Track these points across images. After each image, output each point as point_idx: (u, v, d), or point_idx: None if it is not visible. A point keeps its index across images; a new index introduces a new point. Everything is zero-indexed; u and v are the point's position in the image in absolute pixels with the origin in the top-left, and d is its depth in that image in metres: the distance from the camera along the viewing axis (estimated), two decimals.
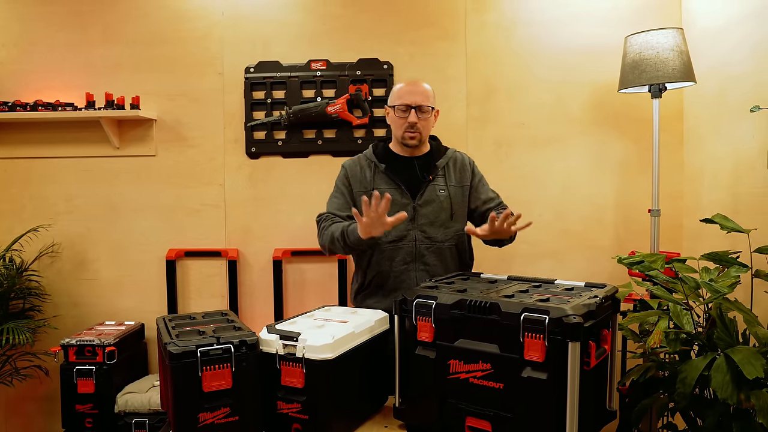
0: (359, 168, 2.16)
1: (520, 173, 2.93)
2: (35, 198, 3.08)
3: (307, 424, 1.49)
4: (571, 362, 1.27)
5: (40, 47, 3.04)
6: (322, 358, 1.45)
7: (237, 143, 2.98)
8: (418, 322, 1.52)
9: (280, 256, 2.93)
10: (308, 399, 1.48)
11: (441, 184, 2.14)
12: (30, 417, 3.12)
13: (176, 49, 2.99)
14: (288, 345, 1.50)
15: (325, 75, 2.92)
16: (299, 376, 1.48)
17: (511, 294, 1.48)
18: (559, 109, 2.90)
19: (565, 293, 1.51)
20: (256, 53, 2.95)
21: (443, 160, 2.17)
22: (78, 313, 3.07)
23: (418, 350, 1.53)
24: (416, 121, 2.07)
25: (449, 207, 2.12)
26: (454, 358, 1.46)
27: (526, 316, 1.32)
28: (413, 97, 2.08)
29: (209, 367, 1.44)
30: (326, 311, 1.81)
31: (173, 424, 1.45)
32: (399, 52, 2.92)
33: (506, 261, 2.90)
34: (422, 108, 2.08)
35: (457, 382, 1.45)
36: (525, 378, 1.33)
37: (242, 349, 1.48)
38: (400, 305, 1.57)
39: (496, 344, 1.39)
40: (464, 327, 1.45)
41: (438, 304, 1.49)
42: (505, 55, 2.91)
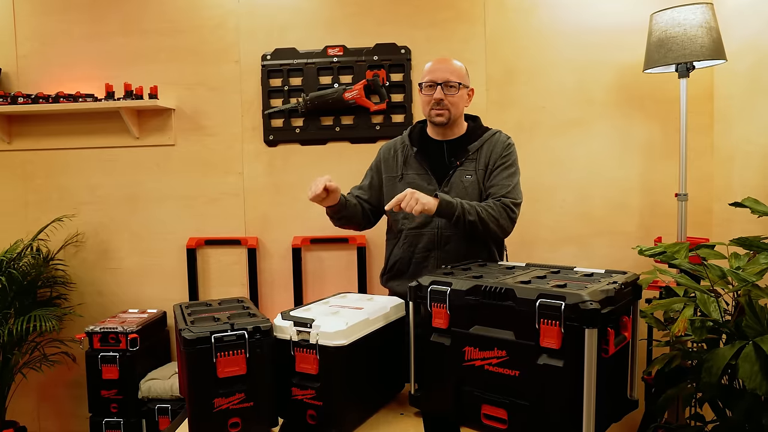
0: (392, 152, 2.14)
1: (542, 158, 2.88)
2: (59, 188, 3.15)
3: (321, 411, 1.49)
4: (588, 349, 1.24)
5: (60, 39, 3.09)
6: (335, 344, 1.45)
7: (255, 131, 2.99)
8: (432, 308, 1.51)
9: (299, 244, 2.94)
10: (322, 385, 1.48)
11: (470, 168, 2.02)
12: (60, 401, 3.22)
13: (193, 38, 3.00)
14: (302, 331, 1.50)
15: (341, 61, 2.90)
16: (313, 363, 1.48)
17: (527, 280, 1.45)
18: (581, 92, 2.84)
19: (583, 279, 1.48)
20: (272, 40, 2.95)
21: (477, 143, 2.05)
22: (102, 301, 3.14)
23: (433, 337, 1.52)
24: (442, 98, 1.98)
25: (477, 192, 2.00)
26: (470, 344, 1.44)
27: (541, 302, 1.30)
28: (440, 73, 2.00)
29: (223, 353, 1.45)
30: (342, 298, 1.80)
31: (189, 409, 1.47)
32: (416, 36, 2.89)
33: (527, 247, 2.87)
34: (449, 83, 1.99)
35: (473, 369, 1.44)
36: (541, 365, 1.31)
37: (256, 335, 1.48)
38: (414, 291, 1.56)
39: (511, 331, 1.37)
40: (479, 313, 1.43)
41: (453, 290, 1.47)
42: (525, 37, 2.85)
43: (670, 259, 1.90)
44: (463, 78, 2.05)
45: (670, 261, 1.90)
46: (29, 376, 3.01)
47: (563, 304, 1.26)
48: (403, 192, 1.81)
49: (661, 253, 1.89)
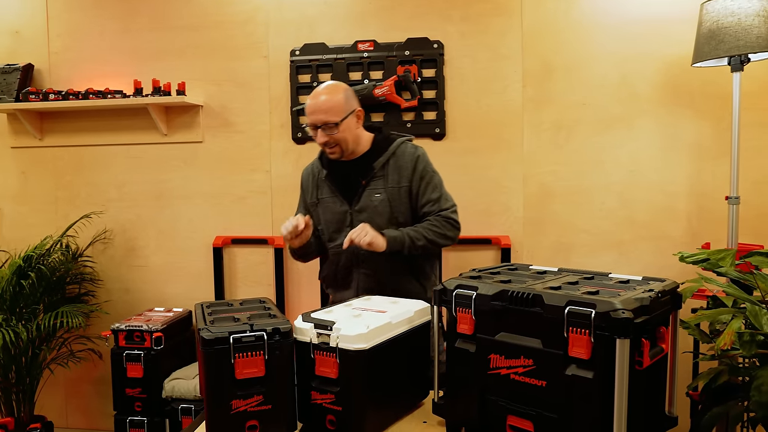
0: (310, 177, 2.23)
1: (581, 158, 2.83)
2: (88, 185, 3.25)
3: (341, 416, 1.50)
4: (620, 360, 1.21)
5: (91, 35, 3.19)
6: (356, 348, 1.46)
7: (283, 128, 3.02)
8: (457, 313, 1.50)
9: None
10: (342, 390, 1.49)
11: (379, 186, 2.08)
12: (87, 398, 3.33)
13: (221, 33, 3.06)
14: (322, 334, 1.51)
15: (372, 56, 2.91)
16: (333, 366, 1.49)
17: (557, 286, 1.43)
18: (624, 87, 2.78)
19: (617, 286, 1.45)
20: (301, 35, 2.98)
21: (382, 159, 2.09)
22: (129, 299, 3.23)
23: (458, 343, 1.51)
24: (326, 140, 2.03)
25: (387, 211, 2.07)
26: (495, 352, 1.43)
27: (570, 309, 1.28)
28: (315, 117, 2.03)
29: (242, 354, 1.47)
30: (366, 300, 1.81)
31: (206, 410, 1.50)
32: (449, 30, 2.88)
33: (563, 252, 2.83)
34: (327, 124, 2.01)
35: (498, 377, 1.42)
36: (569, 376, 1.28)
37: (275, 336, 1.50)
38: (439, 295, 1.55)
39: (539, 339, 1.35)
40: (506, 319, 1.42)
41: (478, 294, 1.46)
42: (564, 30, 2.81)
43: (714, 266, 1.84)
44: (342, 111, 2.03)
45: (714, 268, 1.85)
46: (57, 372, 3.12)
47: (593, 312, 1.24)
48: (357, 227, 1.94)
49: (704, 260, 1.84)
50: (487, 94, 2.88)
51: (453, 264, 2.92)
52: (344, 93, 2.05)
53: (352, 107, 2.06)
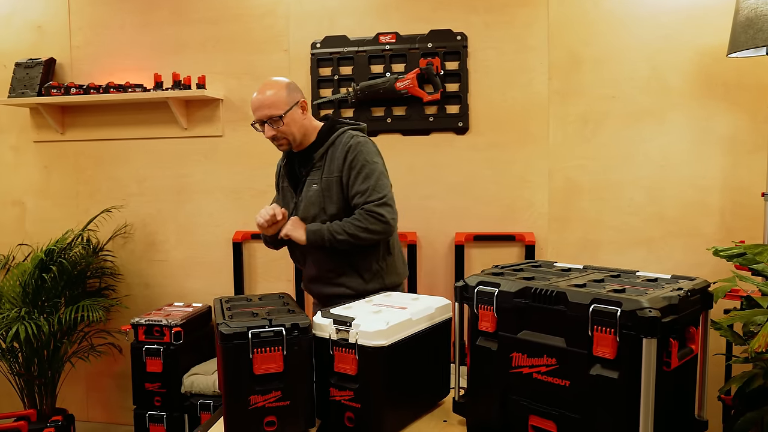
0: (280, 162, 2.30)
1: (609, 152, 2.80)
2: (109, 179, 3.30)
3: (359, 413, 1.51)
4: (646, 361, 1.20)
5: (111, 29, 3.24)
6: (375, 344, 1.46)
7: None
8: (479, 310, 1.49)
9: None
10: (361, 387, 1.50)
11: (315, 177, 2.11)
12: (107, 392, 3.39)
13: (241, 26, 3.08)
14: (341, 330, 1.52)
15: (394, 48, 2.91)
16: (352, 363, 1.49)
17: (582, 283, 1.41)
18: (655, 79, 2.74)
19: (645, 284, 1.43)
20: (322, 28, 2.99)
21: (321, 150, 2.12)
22: (149, 294, 3.28)
23: (479, 341, 1.50)
24: (273, 134, 2.07)
25: (319, 202, 2.09)
26: (517, 350, 1.42)
27: (595, 307, 1.26)
28: (260, 112, 2.07)
29: (260, 350, 1.48)
30: (386, 296, 1.82)
31: (224, 405, 1.52)
32: (473, 21, 2.86)
33: (590, 250, 2.80)
34: (272, 118, 2.05)
35: (520, 376, 1.41)
36: (594, 376, 1.27)
37: (294, 332, 1.51)
38: (460, 292, 1.55)
39: (562, 337, 1.33)
40: (528, 317, 1.41)
41: (500, 291, 1.45)
42: (592, 21, 2.77)
43: (751, 262, 1.81)
44: (285, 104, 2.06)
45: (751, 264, 1.81)
46: (78, 366, 3.18)
47: (619, 310, 1.22)
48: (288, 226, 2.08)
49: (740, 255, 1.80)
50: (511, 86, 2.86)
51: (475, 261, 2.91)
52: (286, 86, 2.09)
53: (296, 99, 2.09)
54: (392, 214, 2.08)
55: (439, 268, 2.96)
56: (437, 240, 2.95)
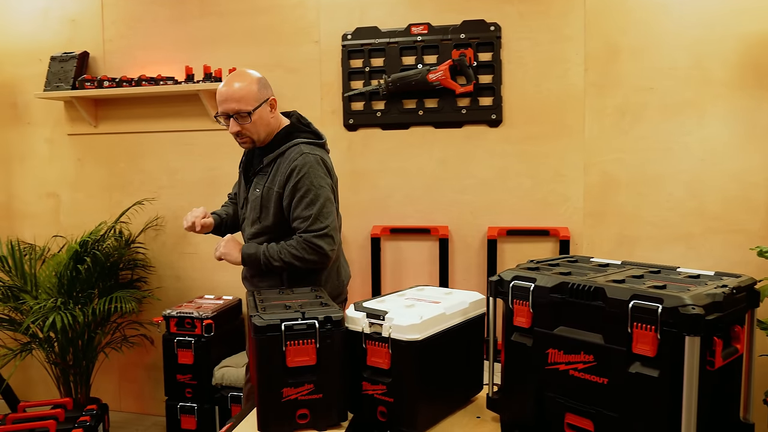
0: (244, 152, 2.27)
1: (646, 145, 2.75)
2: (141, 172, 3.37)
3: (392, 408, 1.52)
4: (689, 359, 1.18)
5: (143, 22, 3.30)
6: (408, 339, 1.47)
7: (334, 114, 3.05)
8: (514, 305, 1.49)
9: (378, 233, 2.98)
10: (394, 381, 1.51)
11: (260, 183, 2.08)
12: (140, 383, 3.47)
13: (272, 18, 3.11)
14: (374, 324, 1.53)
15: (426, 40, 2.90)
16: (385, 357, 1.50)
17: (621, 279, 1.40)
18: (696, 69, 2.68)
19: (687, 281, 1.41)
20: (353, 19, 3.00)
21: (272, 156, 2.07)
22: (180, 286, 3.34)
23: (514, 336, 1.50)
24: (238, 129, 2.02)
25: (257, 209, 2.08)
26: (553, 347, 1.41)
27: (635, 303, 1.25)
28: (227, 105, 2.00)
29: (293, 342, 1.50)
30: (419, 290, 1.82)
31: (257, 397, 1.54)
32: (507, 11, 2.83)
33: (626, 245, 2.76)
34: (240, 113, 1.99)
35: (556, 373, 1.41)
36: (633, 374, 1.26)
37: (327, 325, 1.53)
38: (495, 286, 1.54)
39: (600, 334, 1.32)
40: (565, 313, 1.40)
41: (536, 286, 1.44)
42: (630, 9, 2.73)
43: None
44: (255, 99, 2.00)
45: None
46: (111, 356, 3.26)
47: (660, 307, 1.21)
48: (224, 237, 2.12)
49: None
50: (546, 78, 2.83)
51: (509, 256, 2.89)
52: (258, 80, 2.04)
53: (266, 96, 2.05)
54: (331, 245, 2.03)
55: (471, 262, 2.95)
56: (469, 234, 2.94)
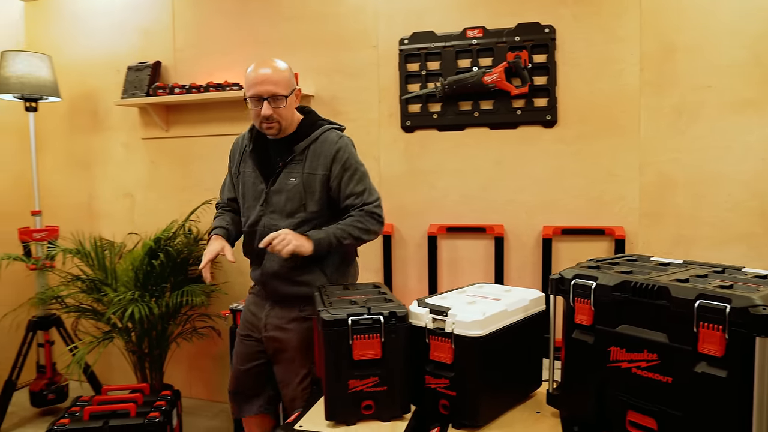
0: (238, 146, 2.21)
1: (704, 144, 2.66)
2: (209, 173, 3.47)
3: (454, 401, 1.53)
4: (759, 361, 1.14)
5: (211, 31, 3.40)
6: (471, 334, 1.47)
7: (392, 117, 3.07)
8: (575, 303, 1.47)
9: (435, 232, 2.99)
10: (456, 375, 1.51)
11: (295, 171, 2.02)
12: (208, 372, 3.58)
13: (331, 25, 3.15)
14: (437, 319, 1.54)
15: (481, 43, 2.88)
16: (448, 352, 1.51)
17: (685, 278, 1.36)
18: (758, 67, 2.57)
19: (754, 281, 1.36)
20: (410, 24, 3.00)
21: (303, 144, 2.03)
22: (243, 281, 3.41)
23: (575, 334, 1.48)
24: (271, 113, 1.95)
25: (298, 197, 2.02)
26: (615, 344, 1.39)
27: (701, 303, 1.22)
28: (264, 86, 1.94)
29: (360, 336, 1.53)
30: (479, 288, 1.82)
31: (325, 389, 1.57)
32: (562, 13, 2.79)
33: (683, 246, 2.67)
34: (276, 96, 1.95)
35: (618, 371, 1.38)
36: (699, 374, 1.22)
37: (392, 320, 1.55)
38: (556, 284, 1.53)
39: (664, 333, 1.29)
40: (627, 312, 1.37)
41: (598, 284, 1.42)
42: (688, 7, 2.64)
43: None
44: (289, 85, 2.00)
45: None
46: (182, 346, 3.37)
47: (728, 307, 1.17)
48: (277, 232, 1.92)
49: None
50: (601, 78, 2.77)
51: (563, 255, 2.85)
52: (290, 70, 2.03)
53: (296, 85, 2.05)
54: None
55: (525, 261, 2.92)
56: (524, 233, 2.91)
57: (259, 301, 2.19)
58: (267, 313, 2.14)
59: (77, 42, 3.74)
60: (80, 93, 3.76)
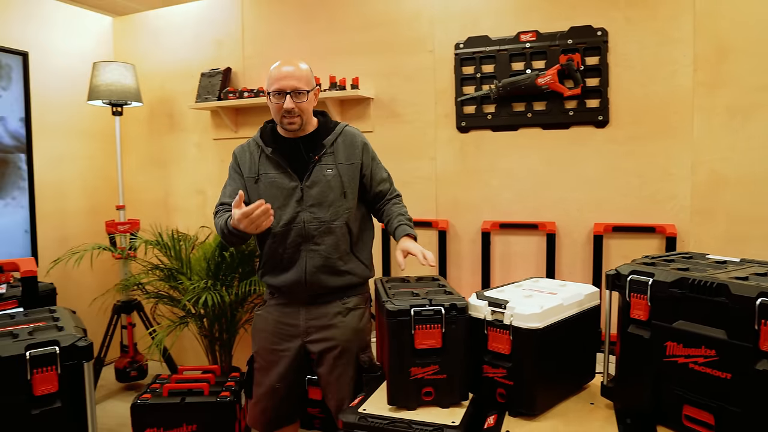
0: (248, 154, 2.08)
1: (759, 144, 2.54)
2: None
3: (511, 390, 1.53)
4: None
5: (277, 40, 3.47)
6: (529, 326, 1.47)
7: (447, 118, 3.07)
8: (631, 298, 1.45)
9: (488, 228, 2.97)
10: (514, 366, 1.51)
11: (329, 162, 2.01)
12: None
13: (390, 31, 3.16)
14: (496, 312, 1.54)
15: (534, 46, 2.84)
16: (506, 343, 1.51)
17: (744, 276, 1.32)
18: None
19: None
20: (465, 29, 2.99)
21: (331, 137, 2.03)
22: None
23: (631, 328, 1.46)
24: (293, 107, 1.93)
25: (339, 185, 2.00)
26: (672, 340, 1.36)
27: (763, 301, 1.18)
28: (287, 81, 1.93)
29: (421, 326, 1.55)
30: (534, 282, 1.81)
31: (388, 375, 1.60)
32: (615, 16, 2.72)
33: (735, 244, 2.57)
34: (298, 90, 1.93)
35: (674, 366, 1.36)
36: (760, 371, 1.19)
37: (452, 312, 1.56)
38: (612, 280, 1.51)
39: (723, 330, 1.26)
40: (684, 308, 1.34)
41: (655, 281, 1.40)
42: (742, 10, 2.52)
43: None
44: (311, 82, 2.00)
45: None
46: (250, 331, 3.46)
47: None
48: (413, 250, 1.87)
49: None
50: (653, 79, 2.69)
51: (614, 252, 2.78)
52: (310, 69, 2.04)
53: (315, 84, 2.05)
54: None
55: (576, 257, 2.87)
56: (576, 230, 2.86)
57: (288, 310, 2.07)
58: (305, 317, 2.04)
59: (158, 52, 3.89)
60: (159, 98, 3.91)
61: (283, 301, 2.08)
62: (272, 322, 2.09)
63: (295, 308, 2.05)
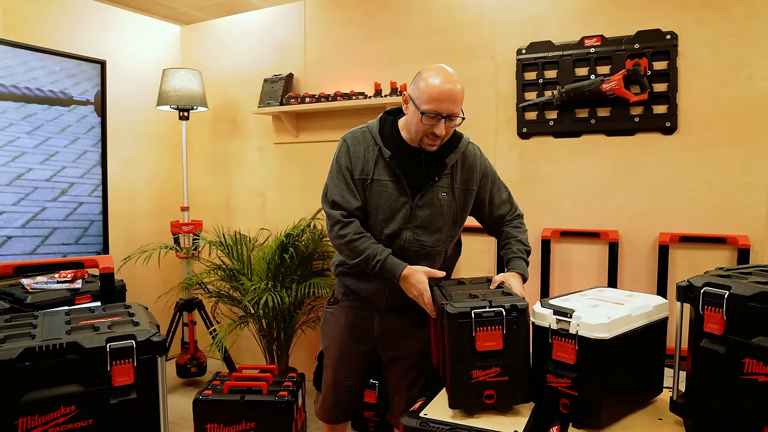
0: (363, 148, 1.87)
1: None
2: None
3: (576, 401, 1.49)
4: None
5: (339, 46, 3.53)
6: (596, 337, 1.43)
7: (508, 124, 3.04)
8: (705, 311, 1.40)
9: (548, 235, 2.92)
10: (579, 376, 1.48)
11: (445, 185, 1.85)
12: None
13: (451, 37, 3.17)
14: (561, 320, 1.51)
15: (599, 51, 2.78)
16: (571, 352, 1.48)
17: None
18: None
19: None
20: (527, 34, 2.96)
21: (453, 156, 1.85)
22: None
23: (704, 343, 1.40)
24: (444, 133, 1.75)
25: (450, 212, 1.87)
26: (751, 356, 1.30)
27: None
28: (446, 105, 1.71)
29: (482, 328, 1.53)
30: (600, 291, 1.77)
31: (449, 378, 1.59)
32: (685, 19, 2.63)
33: None
34: (453, 117, 1.75)
35: (754, 384, 1.29)
36: None
37: (513, 313, 1.54)
38: (684, 291, 1.45)
39: None
40: (764, 323, 1.28)
41: (732, 294, 1.34)
42: None
43: None
44: (462, 104, 1.78)
45: None
46: (307, 333, 3.53)
47: None
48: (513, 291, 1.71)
49: None
50: (727, 84, 2.58)
51: (681, 263, 2.68)
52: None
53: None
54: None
55: (639, 267, 2.78)
56: (640, 240, 2.77)
57: (363, 315, 2.00)
58: (380, 322, 1.98)
59: (222, 59, 4.03)
60: (223, 103, 4.05)
61: (358, 305, 2.00)
62: (345, 323, 2.02)
63: (370, 313, 1.98)
